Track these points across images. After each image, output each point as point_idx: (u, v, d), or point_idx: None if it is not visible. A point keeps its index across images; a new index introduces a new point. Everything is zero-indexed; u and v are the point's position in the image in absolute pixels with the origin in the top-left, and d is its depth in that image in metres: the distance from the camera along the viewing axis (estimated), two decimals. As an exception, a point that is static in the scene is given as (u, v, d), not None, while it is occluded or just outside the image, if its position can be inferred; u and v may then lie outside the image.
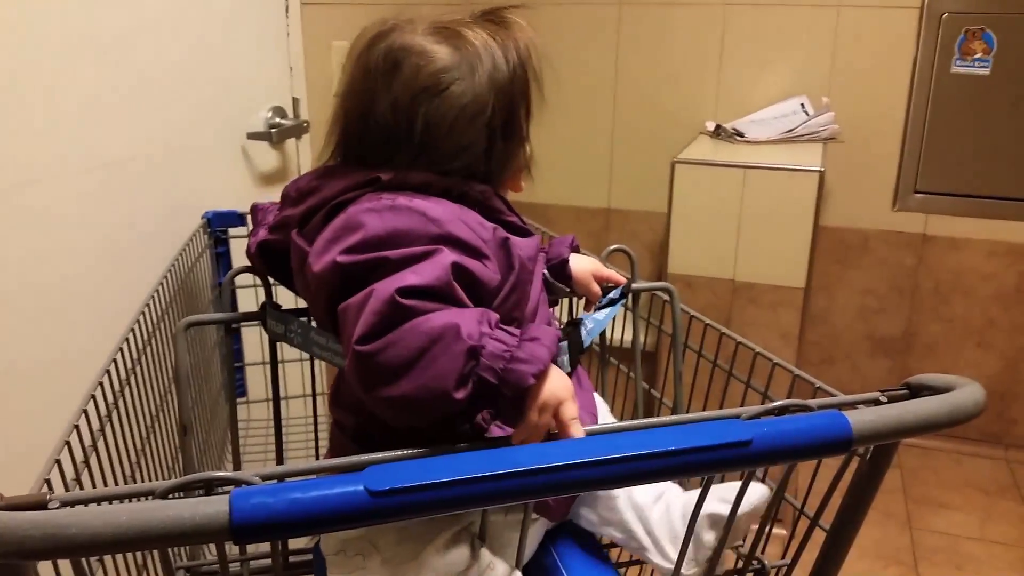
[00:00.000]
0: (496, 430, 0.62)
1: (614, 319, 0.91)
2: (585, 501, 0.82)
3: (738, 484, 0.78)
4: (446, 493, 0.48)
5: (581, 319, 0.81)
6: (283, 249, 0.74)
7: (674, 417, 0.60)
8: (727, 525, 0.69)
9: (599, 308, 0.88)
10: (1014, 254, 2.32)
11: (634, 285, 0.96)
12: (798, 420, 0.55)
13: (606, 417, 0.90)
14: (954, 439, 2.51)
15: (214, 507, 0.45)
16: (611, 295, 0.91)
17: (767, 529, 0.80)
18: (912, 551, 2.05)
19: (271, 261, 0.77)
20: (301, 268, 0.70)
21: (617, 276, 0.94)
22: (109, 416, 0.78)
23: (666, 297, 0.98)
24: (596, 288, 0.90)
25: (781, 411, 0.60)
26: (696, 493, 0.83)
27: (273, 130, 1.50)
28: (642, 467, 0.51)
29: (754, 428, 0.53)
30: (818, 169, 1.89)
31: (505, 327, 0.62)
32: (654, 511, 0.81)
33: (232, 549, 0.88)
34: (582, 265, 0.91)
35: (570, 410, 0.60)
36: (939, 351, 2.48)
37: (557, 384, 0.60)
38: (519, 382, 0.58)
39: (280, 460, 0.85)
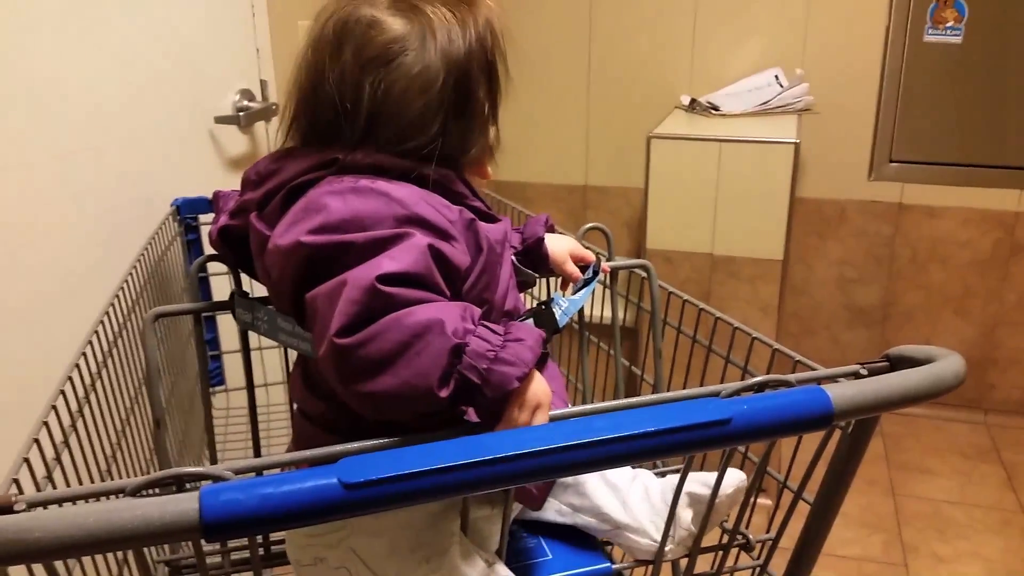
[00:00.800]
0: (472, 414, 0.61)
1: (592, 296, 0.90)
2: (552, 493, 0.81)
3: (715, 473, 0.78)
4: (421, 483, 0.47)
5: (553, 299, 0.80)
6: (244, 235, 0.72)
7: (652, 397, 0.60)
8: (707, 510, 0.69)
9: (577, 289, 0.87)
10: (989, 221, 2.34)
11: (611, 263, 0.95)
12: (777, 397, 0.54)
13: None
14: (935, 405, 2.53)
15: (183, 505, 0.44)
16: (585, 275, 0.90)
17: (751, 503, 0.79)
18: (895, 517, 2.07)
19: (233, 247, 0.74)
20: (260, 252, 0.68)
21: (591, 255, 0.91)
22: (80, 411, 0.76)
23: (644, 274, 0.97)
24: (572, 268, 0.88)
25: (761, 387, 0.59)
26: (673, 476, 0.84)
27: (241, 113, 1.47)
28: (620, 449, 0.50)
29: (733, 406, 0.52)
30: (793, 141, 1.88)
31: (488, 324, 0.60)
32: (632, 491, 0.81)
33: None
34: (558, 245, 0.89)
35: (542, 416, 0.59)
36: (917, 319, 2.49)
37: (538, 388, 0.59)
38: (503, 384, 0.57)
39: (257, 452, 0.84)
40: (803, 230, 2.48)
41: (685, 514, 0.77)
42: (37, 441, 0.67)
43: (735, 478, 0.77)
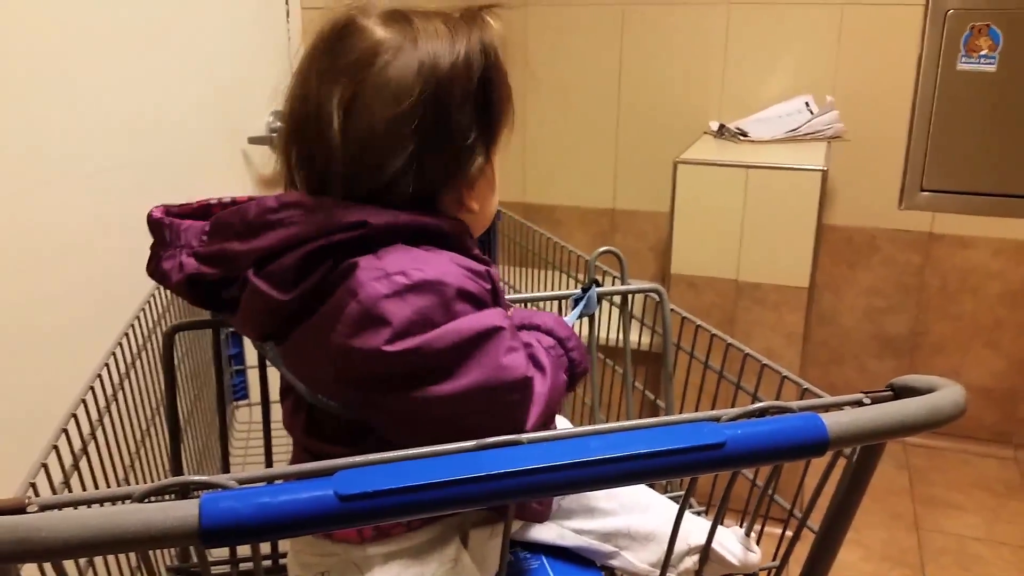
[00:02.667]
0: None
1: (609, 320, 0.91)
2: (555, 517, 0.82)
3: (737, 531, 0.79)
4: (417, 497, 0.48)
5: None
6: (215, 283, 0.67)
7: (652, 420, 0.60)
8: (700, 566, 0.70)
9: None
10: (1022, 252, 2.31)
11: (624, 287, 0.96)
12: (773, 422, 0.54)
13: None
14: (962, 439, 2.49)
15: (184, 511, 0.45)
16: (575, 295, 0.91)
17: (760, 528, 0.79)
18: (919, 552, 2.03)
19: (199, 294, 0.69)
20: (264, 311, 0.65)
21: None
22: (101, 421, 0.79)
23: (657, 298, 0.98)
24: None
25: (761, 413, 0.59)
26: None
27: (274, 134, 1.50)
28: (614, 470, 0.51)
29: (728, 431, 0.53)
30: (821, 168, 1.88)
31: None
32: (653, 512, 0.82)
33: (224, 551, 0.88)
34: None
35: None
36: (947, 350, 2.46)
37: None
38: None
39: (269, 464, 0.85)
40: (832, 258, 2.47)
41: (688, 561, 0.78)
42: (56, 448, 0.70)
43: (754, 555, 0.78)
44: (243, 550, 0.87)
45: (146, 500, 0.51)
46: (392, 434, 0.64)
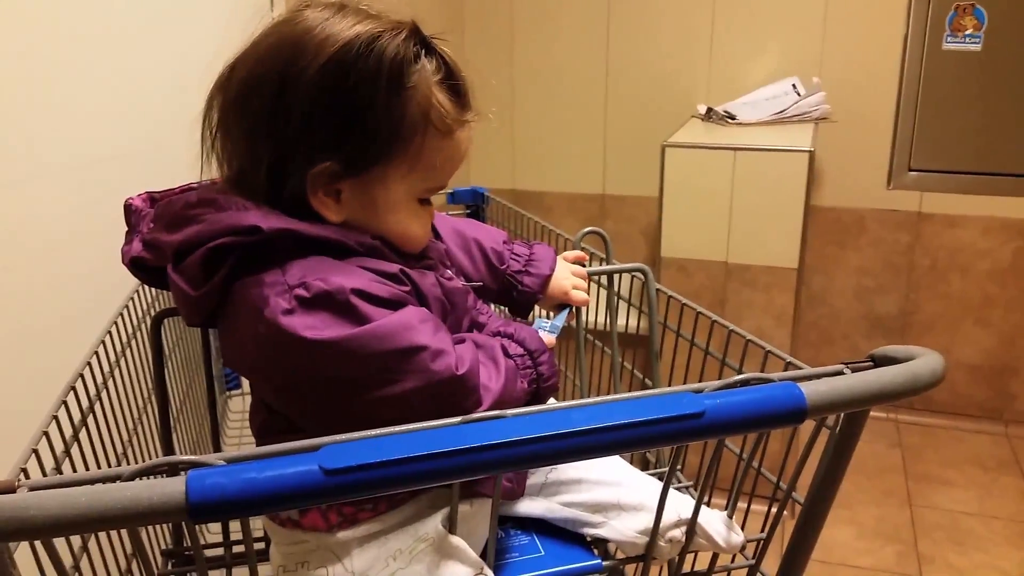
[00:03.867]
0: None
1: (596, 301, 0.91)
2: (544, 492, 0.83)
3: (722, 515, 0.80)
4: (402, 470, 0.48)
5: (536, 323, 0.84)
6: (157, 267, 0.69)
7: (632, 393, 0.61)
8: (685, 544, 0.72)
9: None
10: (1010, 230, 2.32)
11: (609, 267, 0.96)
12: (751, 391, 0.55)
13: None
14: (954, 416, 2.51)
15: (171, 488, 0.46)
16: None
17: (746, 506, 0.80)
18: (912, 528, 2.05)
19: (147, 275, 0.72)
20: (184, 303, 0.66)
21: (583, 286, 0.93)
22: (92, 407, 0.79)
23: (642, 278, 0.99)
24: (578, 295, 0.91)
25: (743, 384, 0.60)
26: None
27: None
28: (596, 440, 0.52)
29: (707, 400, 0.53)
30: (808, 149, 1.89)
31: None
32: (641, 485, 0.83)
33: (216, 533, 0.89)
34: (560, 275, 0.92)
35: None
36: (937, 329, 2.48)
37: None
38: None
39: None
40: (822, 239, 2.48)
41: (679, 534, 0.78)
42: (47, 434, 0.70)
43: (737, 537, 0.79)
44: (236, 534, 0.87)
45: (135, 480, 0.52)
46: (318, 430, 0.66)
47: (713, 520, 0.81)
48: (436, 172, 0.71)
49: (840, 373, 0.67)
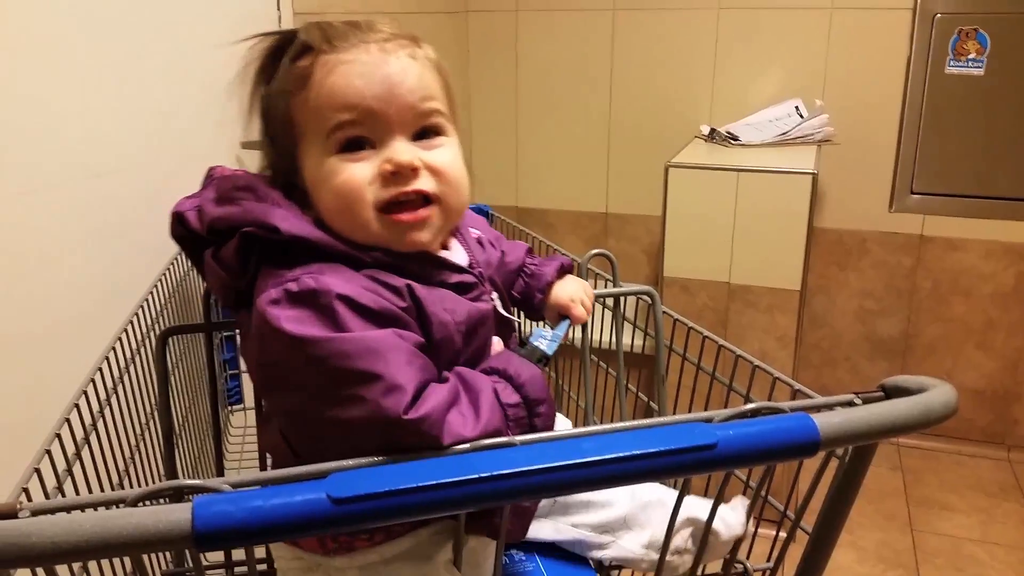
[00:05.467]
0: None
1: (602, 323, 0.91)
2: (551, 513, 0.82)
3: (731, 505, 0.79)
4: (409, 499, 0.48)
5: (533, 334, 0.82)
6: (193, 234, 0.72)
7: (643, 421, 0.61)
8: (701, 545, 0.70)
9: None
10: (1012, 254, 2.32)
11: (616, 289, 0.96)
12: (764, 423, 0.55)
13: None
14: (956, 440, 2.50)
15: (177, 515, 0.45)
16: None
17: (753, 531, 0.80)
18: (914, 553, 2.04)
19: (184, 238, 0.73)
20: (222, 288, 0.69)
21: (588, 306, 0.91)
22: (94, 425, 0.79)
23: (648, 300, 0.98)
24: (579, 310, 0.87)
25: (753, 414, 0.60)
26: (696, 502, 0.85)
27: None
28: (608, 471, 0.51)
29: (720, 431, 0.53)
30: (811, 172, 1.89)
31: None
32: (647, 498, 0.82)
33: (219, 555, 0.88)
34: (568, 288, 0.89)
35: None
36: (939, 352, 2.47)
37: None
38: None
39: (263, 468, 0.85)
40: (824, 261, 2.48)
41: (683, 542, 0.77)
42: (49, 453, 0.69)
43: (736, 521, 0.78)
44: (237, 553, 0.86)
45: (139, 504, 0.51)
46: (290, 433, 0.68)
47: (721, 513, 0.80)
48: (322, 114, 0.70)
49: (851, 403, 0.66)
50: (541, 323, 0.90)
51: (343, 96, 0.68)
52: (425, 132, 0.71)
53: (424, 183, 0.69)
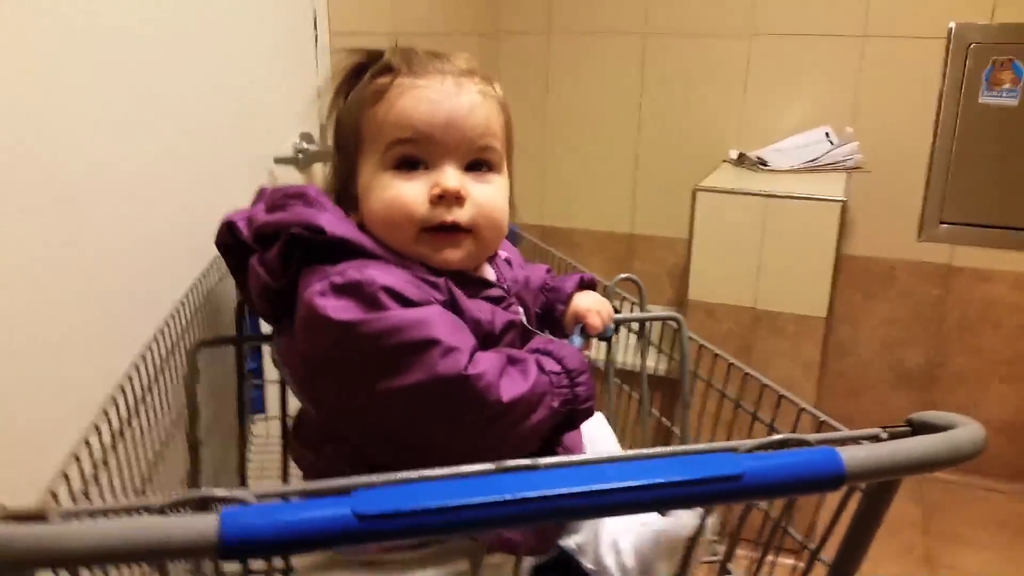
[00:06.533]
0: None
1: (627, 346, 0.91)
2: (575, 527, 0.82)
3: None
4: (433, 519, 0.48)
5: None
6: (239, 246, 0.76)
7: (669, 448, 0.61)
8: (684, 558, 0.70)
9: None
10: (1042, 287, 2.29)
11: (643, 314, 0.96)
12: (790, 455, 0.54)
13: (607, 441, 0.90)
14: (978, 474, 2.46)
15: (204, 525, 0.46)
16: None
17: (773, 560, 0.79)
18: (933, 588, 2.01)
19: (231, 249, 0.77)
20: (262, 295, 0.72)
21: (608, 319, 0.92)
22: (122, 433, 0.80)
23: (675, 326, 0.98)
24: (595, 319, 0.89)
25: (780, 445, 0.59)
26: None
27: (300, 155, 1.52)
28: (632, 498, 0.51)
29: (745, 463, 0.53)
30: (840, 199, 1.88)
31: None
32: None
33: (237, 564, 0.89)
34: (585, 299, 0.91)
35: None
36: (966, 384, 2.44)
37: None
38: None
39: (285, 478, 0.86)
40: (850, 289, 2.46)
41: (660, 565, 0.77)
42: (77, 458, 0.71)
43: (687, 519, 0.77)
44: (255, 563, 0.87)
45: (165, 512, 0.52)
46: (347, 428, 0.70)
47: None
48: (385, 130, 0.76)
49: (877, 437, 0.66)
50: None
51: (408, 116, 0.73)
52: (478, 164, 0.76)
53: (463, 215, 0.74)
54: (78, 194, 1.02)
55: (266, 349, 1.41)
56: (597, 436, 0.90)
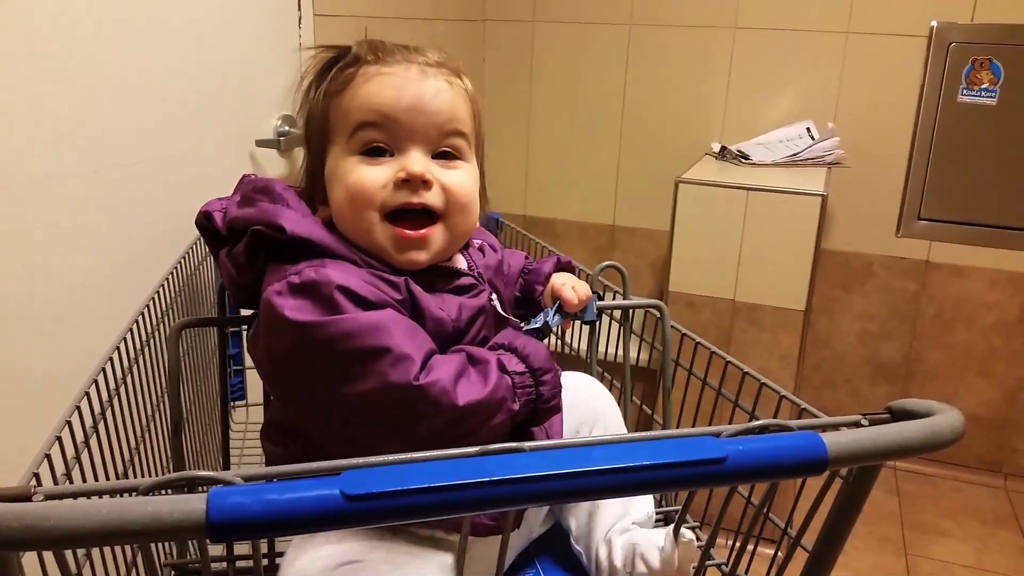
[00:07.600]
0: None
1: (608, 335, 0.91)
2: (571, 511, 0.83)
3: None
4: (421, 499, 0.48)
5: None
6: (216, 232, 0.76)
7: (652, 433, 0.61)
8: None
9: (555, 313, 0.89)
10: (1017, 284, 2.32)
11: (626, 301, 0.96)
12: (774, 439, 0.55)
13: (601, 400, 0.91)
14: (953, 466, 2.50)
15: (192, 505, 0.46)
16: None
17: (752, 548, 0.80)
18: (906, 578, 2.04)
19: (208, 232, 0.78)
20: (233, 285, 0.74)
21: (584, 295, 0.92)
22: (103, 414, 0.79)
23: (657, 314, 0.99)
24: (570, 293, 0.89)
25: (761, 430, 0.60)
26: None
27: (281, 138, 1.51)
28: (617, 480, 0.52)
29: (729, 446, 0.53)
30: (820, 193, 1.89)
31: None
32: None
33: (220, 548, 0.88)
34: (560, 277, 0.92)
35: None
36: (940, 378, 2.47)
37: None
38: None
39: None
40: (828, 282, 2.48)
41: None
42: (59, 439, 0.70)
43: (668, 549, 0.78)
44: (240, 547, 0.87)
45: (151, 493, 0.52)
46: (311, 424, 0.71)
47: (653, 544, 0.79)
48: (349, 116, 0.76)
49: (858, 424, 0.67)
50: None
51: (373, 101, 0.73)
52: (445, 153, 0.75)
53: (432, 198, 0.73)
54: (57, 173, 1.01)
55: (246, 336, 1.41)
56: (604, 410, 0.90)
